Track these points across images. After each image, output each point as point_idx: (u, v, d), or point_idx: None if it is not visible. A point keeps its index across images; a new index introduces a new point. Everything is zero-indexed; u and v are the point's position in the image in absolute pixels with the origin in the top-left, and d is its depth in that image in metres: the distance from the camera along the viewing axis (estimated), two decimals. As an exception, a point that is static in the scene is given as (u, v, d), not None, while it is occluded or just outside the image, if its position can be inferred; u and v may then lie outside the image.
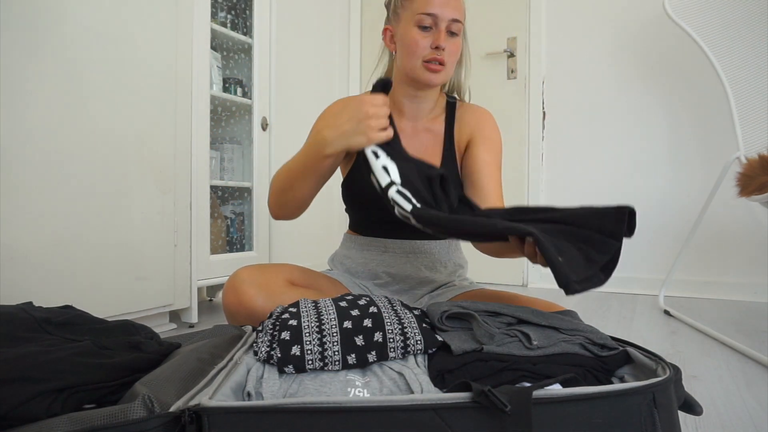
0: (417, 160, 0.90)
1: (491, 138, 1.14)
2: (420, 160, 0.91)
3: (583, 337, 0.68)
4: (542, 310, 0.77)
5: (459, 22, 1.04)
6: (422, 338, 0.70)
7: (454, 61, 1.08)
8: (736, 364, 1.25)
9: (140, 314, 1.47)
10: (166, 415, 0.50)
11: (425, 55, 1.04)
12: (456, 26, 1.04)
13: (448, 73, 1.07)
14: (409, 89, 1.12)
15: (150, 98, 1.49)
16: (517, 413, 0.49)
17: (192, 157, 1.65)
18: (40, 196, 1.22)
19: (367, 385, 0.64)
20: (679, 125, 2.35)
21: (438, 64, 1.05)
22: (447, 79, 1.09)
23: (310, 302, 0.78)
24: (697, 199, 2.26)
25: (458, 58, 1.10)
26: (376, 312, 0.73)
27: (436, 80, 1.06)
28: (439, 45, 1.03)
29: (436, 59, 1.04)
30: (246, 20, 2.09)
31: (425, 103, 1.14)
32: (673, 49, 2.33)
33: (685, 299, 2.20)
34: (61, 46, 1.26)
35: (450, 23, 1.04)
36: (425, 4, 1.03)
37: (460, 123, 1.16)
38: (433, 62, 1.04)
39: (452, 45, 1.05)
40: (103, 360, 0.65)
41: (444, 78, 1.07)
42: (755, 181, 1.40)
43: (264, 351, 0.68)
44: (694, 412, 0.61)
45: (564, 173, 2.59)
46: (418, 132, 1.16)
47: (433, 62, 1.04)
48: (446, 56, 1.05)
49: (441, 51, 1.04)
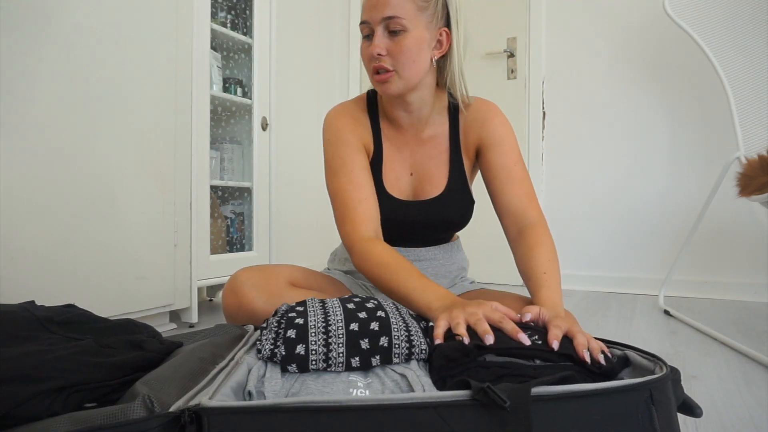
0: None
1: (502, 137, 1.05)
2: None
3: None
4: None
5: (395, 18, 0.93)
6: (427, 347, 0.69)
7: (406, 62, 0.96)
8: (736, 364, 1.25)
9: (140, 314, 1.47)
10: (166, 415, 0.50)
11: (371, 66, 0.98)
12: (394, 23, 0.94)
13: (404, 76, 0.97)
14: (395, 101, 1.05)
15: (150, 98, 1.49)
16: (516, 410, 0.49)
17: (192, 157, 1.65)
18: (40, 196, 1.22)
19: (369, 386, 0.64)
20: (679, 125, 2.35)
21: (383, 72, 0.96)
22: (409, 83, 0.98)
23: (318, 302, 0.77)
24: (697, 199, 2.26)
25: (414, 55, 0.96)
26: (384, 317, 0.72)
27: (390, 90, 0.98)
28: (371, 53, 0.95)
29: (376, 68, 0.96)
30: (246, 20, 2.09)
31: (419, 111, 1.06)
32: (673, 49, 2.33)
33: (685, 299, 2.20)
34: (61, 46, 1.26)
35: (385, 23, 0.94)
36: (361, 13, 0.98)
37: (464, 125, 1.08)
38: (377, 72, 0.97)
39: (395, 45, 0.95)
40: (104, 359, 0.66)
41: (401, 85, 0.98)
42: (755, 182, 1.40)
43: (268, 348, 0.67)
44: (693, 414, 0.61)
45: (564, 173, 2.59)
46: (423, 141, 1.09)
47: (377, 72, 0.97)
48: (392, 60, 0.96)
49: (379, 58, 0.95)
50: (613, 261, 2.48)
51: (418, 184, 1.10)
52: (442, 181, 1.08)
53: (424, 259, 1.14)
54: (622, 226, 2.46)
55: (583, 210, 2.54)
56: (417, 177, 1.10)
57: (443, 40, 1.00)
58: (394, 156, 1.10)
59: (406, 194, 1.10)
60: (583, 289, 2.50)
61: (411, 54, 0.95)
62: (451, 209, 1.08)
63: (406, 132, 1.10)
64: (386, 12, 0.93)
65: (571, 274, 2.53)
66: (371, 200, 1.01)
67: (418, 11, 0.95)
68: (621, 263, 2.46)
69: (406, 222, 1.08)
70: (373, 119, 1.10)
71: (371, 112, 1.11)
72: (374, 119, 1.10)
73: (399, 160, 1.10)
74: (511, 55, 2.67)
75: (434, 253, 1.15)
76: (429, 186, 1.09)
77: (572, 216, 2.56)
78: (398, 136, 1.10)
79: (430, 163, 1.09)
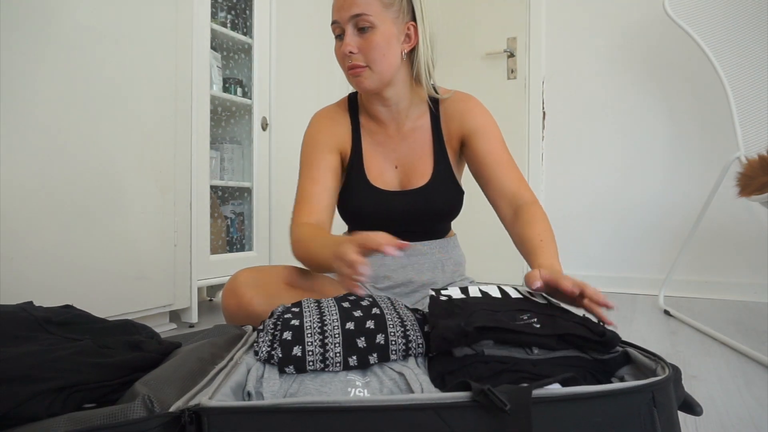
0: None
1: (484, 125, 1.10)
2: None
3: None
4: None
5: (362, 16, 0.99)
6: (424, 341, 0.70)
7: (377, 57, 1.01)
8: (736, 364, 1.25)
9: (140, 314, 1.47)
10: (165, 415, 0.50)
11: (345, 64, 1.03)
12: (362, 21, 0.99)
13: (377, 71, 1.02)
14: (373, 98, 1.09)
15: (150, 98, 1.49)
16: (516, 412, 0.49)
17: (192, 157, 1.65)
18: (40, 196, 1.22)
19: (367, 385, 0.64)
20: (679, 125, 2.35)
21: (357, 69, 1.01)
22: (382, 77, 1.03)
23: (313, 302, 0.78)
24: (697, 199, 2.26)
25: (384, 50, 1.01)
26: (379, 314, 0.73)
27: (364, 84, 1.03)
28: (344, 52, 1.01)
29: (350, 66, 1.02)
30: (246, 20, 2.09)
31: (396, 104, 1.11)
32: (673, 49, 2.33)
33: (685, 299, 2.20)
34: (61, 46, 1.26)
35: (354, 21, 1.00)
36: (331, 14, 1.04)
37: (445, 116, 1.13)
38: (350, 69, 1.02)
39: (365, 42, 1.00)
40: (103, 359, 0.65)
41: (375, 79, 1.03)
42: (755, 182, 1.40)
43: (265, 351, 0.67)
44: (694, 413, 0.61)
45: (564, 173, 2.59)
46: (405, 135, 1.14)
47: (350, 69, 1.02)
48: (364, 56, 1.01)
49: (351, 56, 1.01)
50: (613, 261, 2.47)
51: (403, 176, 1.13)
52: (428, 171, 1.11)
53: (419, 254, 1.15)
54: (622, 226, 2.46)
55: (583, 210, 2.54)
56: (402, 170, 1.13)
57: (411, 34, 1.05)
58: (375, 150, 1.14)
59: (393, 187, 1.13)
60: (583, 289, 2.49)
61: (381, 49, 1.00)
62: (437, 198, 1.11)
63: (387, 126, 1.14)
64: (353, 10, 0.99)
65: (571, 274, 2.51)
66: (324, 195, 1.07)
67: (384, 8, 1.00)
68: (621, 263, 2.46)
69: (394, 213, 1.11)
70: (353, 117, 1.16)
71: (352, 110, 1.16)
72: (354, 117, 1.16)
73: (382, 153, 1.14)
74: (511, 55, 2.67)
75: (429, 247, 1.16)
76: (414, 177, 1.12)
77: (572, 216, 2.56)
78: (380, 130, 1.14)
79: (414, 156, 1.12)
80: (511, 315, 0.68)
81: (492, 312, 0.68)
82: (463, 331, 0.63)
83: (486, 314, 0.67)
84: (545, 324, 0.65)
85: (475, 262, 2.46)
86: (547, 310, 0.70)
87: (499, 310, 0.69)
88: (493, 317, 0.66)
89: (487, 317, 0.65)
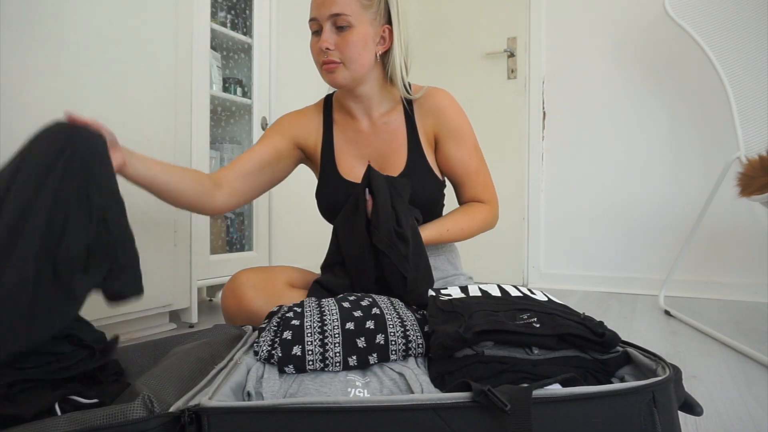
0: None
1: (458, 129, 1.14)
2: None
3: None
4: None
5: (341, 15, 1.02)
6: (424, 341, 0.70)
7: (352, 55, 1.05)
8: (736, 364, 1.25)
9: (140, 314, 1.47)
10: (165, 415, 0.50)
11: (320, 59, 1.07)
12: (341, 20, 1.03)
13: (351, 68, 1.06)
14: (346, 93, 1.14)
15: (150, 98, 1.49)
16: (517, 413, 0.49)
17: (192, 156, 1.65)
18: (40, 196, 1.22)
19: (367, 386, 0.64)
20: (680, 125, 2.35)
21: (331, 64, 1.05)
22: (356, 74, 1.07)
23: (314, 302, 0.78)
24: (698, 199, 2.26)
25: (360, 49, 1.05)
26: (379, 314, 0.73)
27: (337, 79, 1.07)
28: (321, 47, 1.04)
29: (325, 61, 1.05)
30: (246, 20, 2.09)
31: (368, 100, 1.14)
32: (674, 48, 2.33)
33: (685, 299, 2.20)
34: (61, 46, 1.26)
35: (333, 19, 1.03)
36: (310, 11, 1.07)
37: (420, 111, 1.15)
38: (325, 64, 1.06)
39: (342, 40, 1.04)
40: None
41: (348, 76, 1.06)
42: (756, 182, 1.40)
43: (265, 350, 0.67)
44: (694, 413, 0.61)
45: (564, 173, 2.59)
46: (377, 128, 1.16)
47: (325, 64, 1.06)
48: (340, 54, 1.05)
49: (327, 52, 1.04)
50: (613, 261, 2.47)
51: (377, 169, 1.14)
52: (401, 163, 1.13)
53: None
54: (622, 226, 2.46)
55: (583, 210, 2.54)
56: (375, 163, 1.15)
57: (386, 36, 1.09)
58: (348, 145, 1.17)
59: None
60: (583, 289, 2.50)
61: (357, 48, 1.04)
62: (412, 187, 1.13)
63: (359, 121, 1.17)
64: (333, 9, 1.02)
65: (571, 274, 2.53)
66: (249, 163, 1.13)
67: (362, 9, 1.04)
68: (621, 263, 2.46)
69: None
70: (326, 114, 1.20)
71: (326, 109, 1.22)
72: (328, 114, 1.20)
73: (355, 148, 1.17)
74: (511, 54, 2.66)
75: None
76: (387, 169, 1.14)
77: (572, 216, 2.56)
78: (353, 125, 1.17)
79: (388, 148, 1.15)
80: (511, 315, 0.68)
81: (492, 312, 0.68)
82: (461, 338, 0.63)
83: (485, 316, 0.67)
84: (545, 323, 0.65)
85: (475, 262, 2.46)
86: (547, 309, 0.70)
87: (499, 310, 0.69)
88: (493, 318, 0.66)
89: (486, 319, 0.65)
